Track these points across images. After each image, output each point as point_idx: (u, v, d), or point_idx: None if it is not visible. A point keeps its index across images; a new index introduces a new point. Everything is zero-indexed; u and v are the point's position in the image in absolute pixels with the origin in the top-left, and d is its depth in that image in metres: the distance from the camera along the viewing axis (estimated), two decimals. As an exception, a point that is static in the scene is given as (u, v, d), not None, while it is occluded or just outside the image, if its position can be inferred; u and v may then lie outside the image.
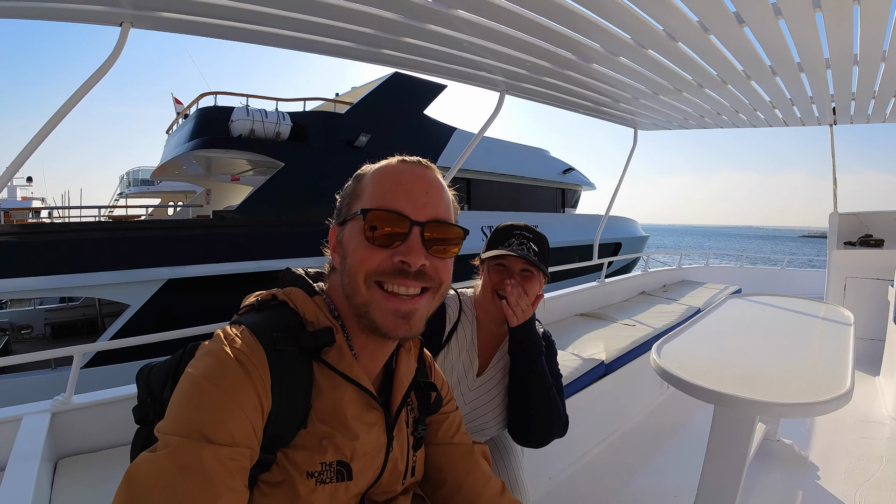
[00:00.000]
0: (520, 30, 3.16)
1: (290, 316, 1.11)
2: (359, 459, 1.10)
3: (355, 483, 1.10)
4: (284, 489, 1.01)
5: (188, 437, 0.88)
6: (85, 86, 2.62)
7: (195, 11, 2.80)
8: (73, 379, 2.43)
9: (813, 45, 3.42)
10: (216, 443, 0.89)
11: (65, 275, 10.54)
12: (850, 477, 3.49)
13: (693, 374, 2.35)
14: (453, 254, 1.16)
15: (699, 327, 3.32)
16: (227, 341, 1.00)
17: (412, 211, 1.09)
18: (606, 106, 5.37)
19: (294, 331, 1.07)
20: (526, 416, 1.98)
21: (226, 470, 0.88)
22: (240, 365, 0.97)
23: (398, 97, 16.64)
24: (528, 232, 2.00)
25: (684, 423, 4.41)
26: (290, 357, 1.03)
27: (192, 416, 0.91)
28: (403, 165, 1.15)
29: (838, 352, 2.83)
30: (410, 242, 1.08)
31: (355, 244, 1.09)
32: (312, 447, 1.04)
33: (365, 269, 1.07)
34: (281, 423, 1.00)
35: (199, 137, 13.83)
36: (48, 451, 2.14)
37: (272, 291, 1.18)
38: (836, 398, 2.07)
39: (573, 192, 25.44)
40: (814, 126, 6.40)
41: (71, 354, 2.51)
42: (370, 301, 1.08)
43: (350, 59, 3.69)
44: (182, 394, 0.94)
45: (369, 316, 1.08)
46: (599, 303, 6.15)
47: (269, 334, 1.03)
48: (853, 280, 6.54)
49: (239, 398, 0.94)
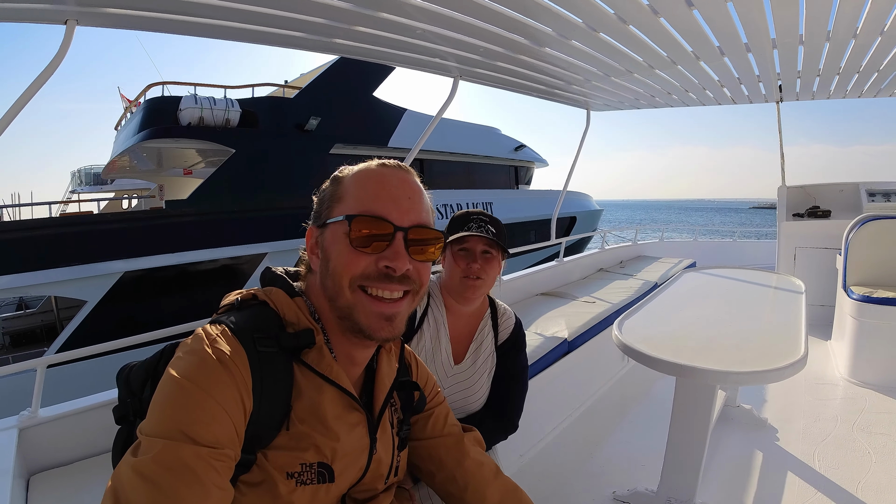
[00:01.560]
0: (473, 16, 3.16)
1: (271, 316, 1.11)
2: (340, 460, 1.10)
3: (337, 484, 1.10)
4: (264, 489, 1.01)
5: (172, 437, 0.88)
6: (31, 88, 2.54)
7: (141, 6, 2.73)
8: (37, 392, 2.35)
9: (760, 25, 3.49)
10: (200, 443, 0.89)
11: (17, 274, 10.24)
12: (808, 437, 3.64)
13: (653, 347, 2.44)
14: (434, 256, 1.17)
15: (657, 302, 3.41)
16: (209, 341, 0.99)
17: (396, 216, 1.10)
18: (559, 88, 5.43)
19: (275, 331, 1.07)
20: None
21: (211, 468, 0.89)
22: (221, 365, 0.96)
23: (347, 80, 16.46)
24: (485, 216, 2.07)
25: (647, 393, 4.54)
26: (271, 358, 1.04)
27: (175, 417, 0.90)
28: (385, 170, 1.16)
29: (792, 319, 2.95)
30: (395, 247, 1.09)
31: (339, 248, 1.09)
32: (293, 448, 1.04)
33: (350, 273, 1.08)
34: (262, 423, 1.01)
35: (148, 128, 13.53)
36: (19, 468, 2.07)
37: (252, 291, 1.17)
38: (791, 364, 2.17)
39: (526, 170, 25.52)
40: (760, 103, 6.56)
41: (34, 368, 2.42)
42: (354, 304, 1.09)
43: (301, 49, 3.65)
44: (164, 394, 0.94)
45: (353, 318, 1.09)
46: (559, 281, 6.24)
47: (250, 334, 1.03)
48: (802, 250, 6.77)
49: (221, 398, 0.94)
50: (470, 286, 2.01)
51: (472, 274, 1.99)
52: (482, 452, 1.48)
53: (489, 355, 2.16)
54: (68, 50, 2.63)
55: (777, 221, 7.13)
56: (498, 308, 2.25)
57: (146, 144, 13.91)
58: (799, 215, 7.09)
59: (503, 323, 2.22)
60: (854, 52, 4.22)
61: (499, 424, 2.12)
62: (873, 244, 5.03)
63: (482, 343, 2.17)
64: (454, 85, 4.59)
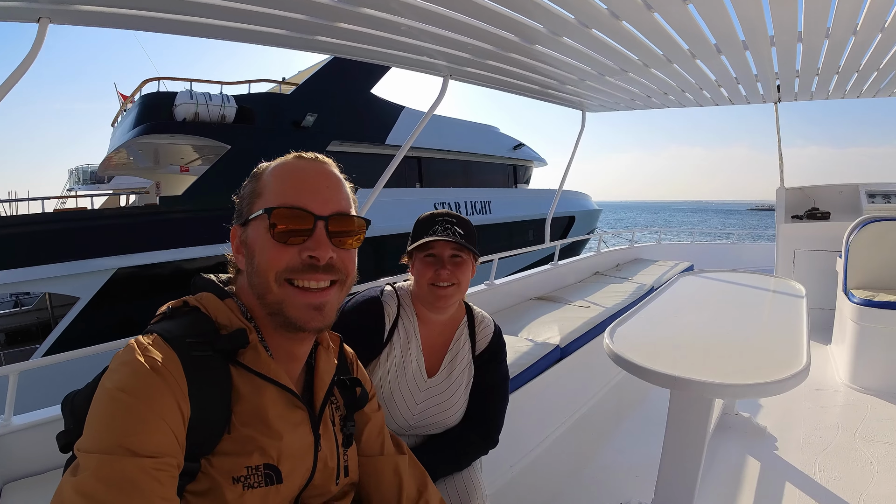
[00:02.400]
0: (460, 12, 3.07)
1: (203, 321, 1.09)
2: (286, 461, 1.09)
3: (286, 485, 1.09)
4: (210, 498, 0.99)
5: (111, 452, 0.86)
6: (5, 85, 2.46)
7: (115, 3, 2.62)
8: (10, 399, 2.28)
9: (757, 22, 3.40)
10: (140, 454, 0.87)
11: (10, 270, 10.24)
12: (809, 446, 3.55)
13: (647, 357, 2.32)
14: (358, 243, 1.20)
15: (652, 307, 3.31)
16: (140, 350, 0.97)
17: (315, 206, 1.11)
18: (553, 88, 5.33)
19: (207, 335, 1.06)
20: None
21: (155, 480, 0.87)
22: (155, 373, 0.94)
23: (344, 77, 16.50)
24: (451, 217, 1.95)
25: (642, 401, 4.44)
26: (206, 362, 1.02)
27: (111, 430, 0.88)
28: (302, 162, 1.17)
29: (792, 326, 2.84)
30: (316, 237, 1.10)
31: (262, 243, 1.10)
32: (237, 452, 1.03)
33: (275, 268, 1.09)
34: (202, 429, 0.99)
35: (143, 123, 13.54)
36: None
37: (184, 299, 1.16)
38: (793, 375, 2.04)
39: (525, 168, 25.55)
40: (759, 104, 6.47)
41: (7, 374, 2.36)
42: (283, 298, 1.09)
43: (284, 47, 3.55)
44: (99, 408, 0.92)
45: (284, 313, 1.10)
46: (553, 285, 6.16)
47: (183, 340, 1.02)
48: (802, 252, 6.68)
49: (157, 407, 0.92)
50: (440, 295, 1.89)
51: (441, 281, 1.88)
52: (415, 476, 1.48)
53: (466, 366, 2.05)
54: (40, 49, 2.56)
55: (776, 223, 7.04)
56: (475, 316, 2.14)
57: (142, 140, 13.95)
58: (798, 217, 7.02)
59: (481, 332, 2.11)
60: (853, 49, 4.12)
61: (478, 440, 2.03)
62: (874, 246, 4.96)
63: (458, 354, 2.05)
64: (444, 84, 4.48)
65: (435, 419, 1.99)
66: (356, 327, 1.85)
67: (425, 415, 1.97)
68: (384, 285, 2.07)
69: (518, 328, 4.26)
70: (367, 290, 2.03)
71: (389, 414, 1.92)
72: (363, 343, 1.83)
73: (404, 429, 1.97)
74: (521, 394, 3.35)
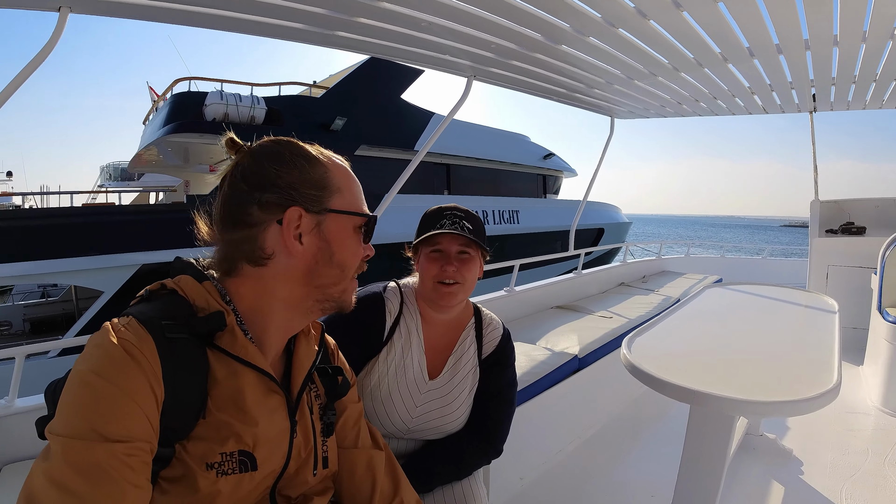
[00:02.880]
0: (483, 8, 3.00)
1: (180, 304, 1.07)
2: (262, 447, 1.07)
3: (261, 472, 1.07)
4: (184, 484, 0.98)
5: (81, 437, 0.85)
6: (22, 74, 2.48)
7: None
8: (15, 381, 2.33)
9: (792, 24, 3.28)
10: (112, 439, 0.86)
11: (39, 261, 10.42)
12: (836, 471, 3.37)
13: (666, 369, 2.20)
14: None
15: (675, 318, 3.18)
16: (114, 332, 0.95)
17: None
18: (580, 92, 5.22)
19: (184, 318, 1.04)
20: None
21: (126, 466, 0.86)
22: (127, 355, 0.92)
23: (374, 81, 16.63)
24: (459, 211, 1.85)
25: (663, 417, 4.28)
26: (182, 345, 1.00)
27: (82, 414, 0.87)
28: (347, 165, 1.25)
29: (823, 342, 2.69)
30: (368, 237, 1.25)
31: (350, 241, 1.19)
32: (211, 437, 1.01)
33: (355, 262, 1.21)
34: (177, 413, 0.97)
35: (173, 122, 13.76)
36: None
37: (161, 282, 1.13)
38: (821, 395, 1.91)
39: (554, 179, 25.48)
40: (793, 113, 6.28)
41: (12, 356, 2.41)
42: (348, 287, 1.21)
43: (302, 42, 3.50)
44: (71, 391, 0.90)
45: (343, 298, 1.20)
46: (576, 295, 6.05)
47: (158, 322, 0.99)
48: (835, 268, 6.46)
49: (130, 389, 0.90)
50: (445, 293, 1.79)
51: (446, 278, 1.78)
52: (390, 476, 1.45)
53: (471, 370, 1.95)
54: (60, 38, 2.56)
55: (809, 237, 6.83)
56: (483, 317, 2.03)
57: (171, 139, 14.17)
58: (832, 231, 6.81)
59: (489, 334, 2.00)
60: (891, 55, 3.97)
61: (480, 448, 1.92)
62: (911, 263, 4.76)
63: (462, 356, 1.95)
64: (467, 85, 4.40)
65: (435, 423, 1.89)
66: (356, 322, 1.79)
67: (425, 418, 1.87)
68: (388, 281, 1.98)
69: (536, 336, 4.17)
70: (369, 286, 1.94)
71: (387, 415, 1.83)
72: (362, 339, 1.79)
73: (402, 432, 1.88)
74: (535, 403, 3.26)
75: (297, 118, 15.05)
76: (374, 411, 1.81)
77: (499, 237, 18.92)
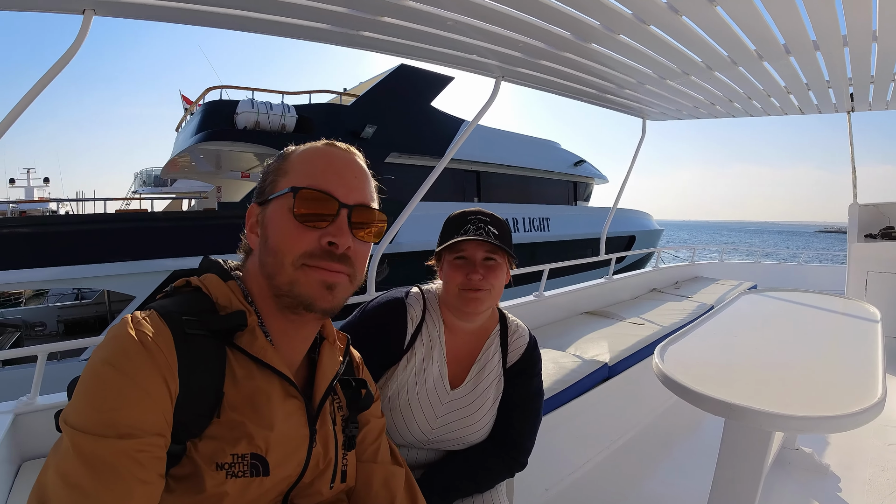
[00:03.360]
0: (509, 5, 2.93)
1: (202, 300, 1.08)
2: (275, 452, 1.05)
3: (272, 479, 1.05)
4: (190, 483, 0.96)
5: (92, 430, 0.84)
6: (47, 76, 2.48)
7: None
8: (37, 379, 2.35)
9: (829, 19, 3.17)
10: (122, 432, 0.85)
11: (72, 266, 10.62)
12: (875, 488, 3.23)
13: (700, 380, 2.11)
14: (376, 239, 1.18)
15: (709, 326, 3.09)
16: (133, 324, 0.95)
17: (342, 193, 1.10)
18: (611, 93, 5.12)
19: (205, 314, 1.04)
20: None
21: (135, 462, 0.85)
22: (143, 347, 0.92)
23: (404, 89, 16.73)
24: (485, 215, 1.78)
25: (695, 430, 4.17)
26: (200, 341, 1.00)
27: (94, 406, 0.87)
28: (333, 149, 1.16)
29: (865, 353, 2.58)
30: (338, 223, 1.09)
31: (282, 224, 1.08)
32: (224, 437, 0.99)
33: (293, 251, 1.06)
34: (190, 410, 0.96)
35: (205, 130, 13.95)
36: (9, 453, 2.09)
37: (186, 279, 1.14)
38: (865, 410, 1.81)
39: (585, 185, 25.41)
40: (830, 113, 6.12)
41: (35, 354, 2.44)
42: (296, 279, 1.07)
43: (326, 42, 3.47)
44: (84, 381, 0.90)
45: (294, 292, 1.07)
46: (607, 300, 5.96)
47: (178, 317, 0.99)
48: (875, 274, 6.26)
49: (144, 382, 0.90)
50: (470, 300, 1.72)
51: (471, 286, 1.71)
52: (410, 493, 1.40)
53: (495, 380, 1.88)
54: (84, 41, 2.57)
55: (847, 242, 6.65)
56: (509, 324, 1.96)
57: (203, 146, 14.41)
58: (871, 236, 6.61)
59: (514, 342, 1.92)
60: None
61: (503, 461, 1.85)
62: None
63: (486, 365, 1.88)
64: (496, 86, 4.32)
65: (456, 434, 1.82)
66: (376, 327, 1.76)
67: (446, 429, 1.81)
68: (411, 287, 1.91)
69: (566, 343, 4.09)
70: (392, 291, 1.89)
71: (406, 425, 1.77)
72: (382, 345, 1.74)
73: (422, 442, 1.82)
74: (563, 412, 3.19)
75: (328, 126, 15.11)
76: (393, 421, 1.76)
77: (529, 245, 18.93)
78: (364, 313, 1.81)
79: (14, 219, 12.18)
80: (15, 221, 11.14)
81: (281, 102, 15.01)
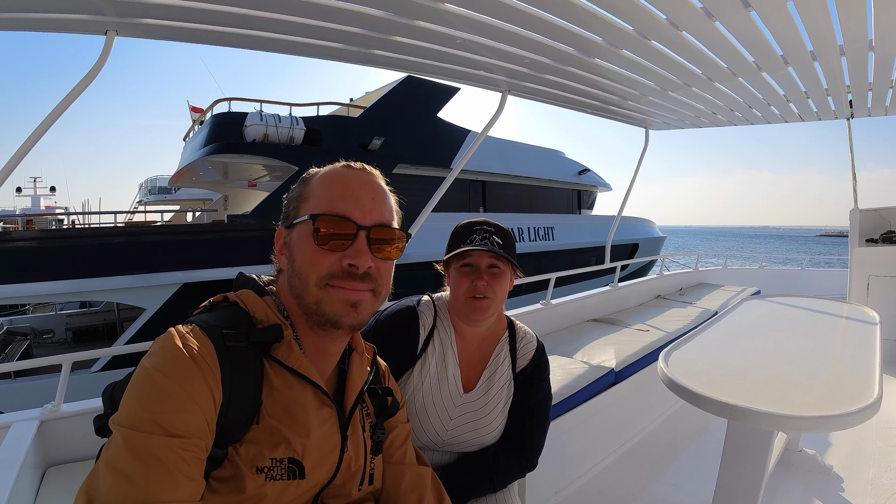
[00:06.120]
0: (515, 24, 3.02)
1: (240, 315, 1.14)
2: (311, 456, 1.11)
3: (307, 481, 1.11)
4: (232, 485, 1.02)
5: (142, 428, 0.90)
6: (71, 94, 2.57)
7: (180, 17, 2.72)
8: (62, 387, 2.41)
9: (826, 30, 3.25)
10: (171, 432, 0.91)
11: (83, 279, 10.61)
12: (878, 489, 3.29)
13: (704, 383, 2.19)
14: (398, 254, 1.23)
15: (713, 331, 3.16)
16: (179, 336, 1.02)
17: (359, 216, 1.15)
18: (614, 105, 5.21)
19: (243, 328, 1.09)
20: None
21: (181, 459, 0.90)
22: (190, 358, 0.98)
23: (411, 100, 16.76)
24: (490, 226, 1.87)
25: (700, 433, 4.23)
26: (240, 353, 1.06)
27: (145, 407, 0.92)
28: (350, 171, 1.22)
29: (863, 355, 2.65)
30: (357, 245, 1.14)
31: (304, 247, 1.14)
32: (263, 442, 1.06)
33: (316, 273, 1.12)
34: (232, 416, 1.02)
35: (214, 143, 13.97)
36: (35, 459, 2.14)
37: (224, 294, 1.21)
38: (862, 409, 1.89)
39: (589, 194, 25.40)
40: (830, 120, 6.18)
41: (60, 362, 2.48)
42: (321, 298, 1.13)
43: (341, 61, 3.58)
44: (135, 386, 0.96)
45: (321, 311, 1.13)
46: (612, 307, 6.00)
47: (219, 331, 1.06)
48: (876, 278, 6.30)
49: (191, 389, 0.96)
50: (476, 306, 1.81)
51: (477, 293, 1.80)
52: (437, 495, 1.46)
53: (506, 384, 1.96)
54: (107, 60, 2.65)
55: (849, 247, 6.69)
56: (517, 331, 2.04)
57: (212, 158, 14.38)
58: (872, 241, 6.65)
59: (522, 347, 2.01)
60: None
61: (515, 461, 1.93)
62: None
63: (497, 369, 1.96)
64: (502, 100, 4.42)
65: (469, 436, 1.90)
66: (390, 335, 1.83)
67: (459, 431, 1.89)
68: (422, 295, 2.00)
69: (573, 350, 4.15)
70: (404, 300, 1.98)
71: (422, 428, 1.86)
72: (396, 352, 1.81)
73: (437, 444, 1.90)
74: (571, 417, 3.24)
75: (336, 138, 15.22)
76: None
77: (534, 254, 18.96)
78: (378, 322, 1.89)
79: (26, 232, 12.17)
80: (27, 235, 11.12)
81: (289, 114, 15.04)
